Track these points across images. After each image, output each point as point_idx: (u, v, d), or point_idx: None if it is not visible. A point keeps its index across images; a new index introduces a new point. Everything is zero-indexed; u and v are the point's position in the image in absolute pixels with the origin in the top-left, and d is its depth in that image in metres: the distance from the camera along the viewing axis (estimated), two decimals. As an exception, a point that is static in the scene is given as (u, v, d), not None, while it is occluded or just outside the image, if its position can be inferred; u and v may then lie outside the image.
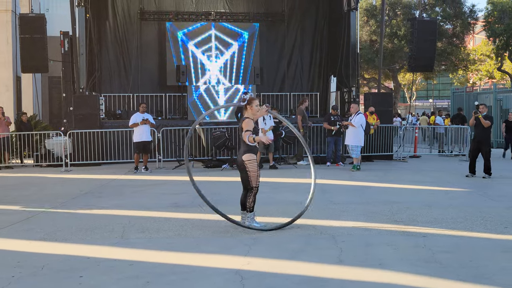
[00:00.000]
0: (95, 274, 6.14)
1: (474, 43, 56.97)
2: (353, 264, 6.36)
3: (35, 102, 22.88)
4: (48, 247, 7.32)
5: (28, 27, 18.92)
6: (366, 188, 12.52)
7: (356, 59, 21.25)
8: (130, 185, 13.47)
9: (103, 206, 10.42)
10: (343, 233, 7.92)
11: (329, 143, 17.40)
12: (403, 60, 38.07)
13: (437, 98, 65.10)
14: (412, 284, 5.65)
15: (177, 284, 5.78)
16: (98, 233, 8.11)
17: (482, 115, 14.15)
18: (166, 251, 7.07)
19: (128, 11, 23.09)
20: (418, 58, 20.74)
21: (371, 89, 46.99)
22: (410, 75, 39.36)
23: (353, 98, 20.91)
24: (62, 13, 23.56)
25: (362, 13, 38.45)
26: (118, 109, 22.38)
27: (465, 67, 43.04)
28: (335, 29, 22.77)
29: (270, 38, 24.09)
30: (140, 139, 16.08)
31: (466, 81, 50.69)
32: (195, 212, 9.45)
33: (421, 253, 6.82)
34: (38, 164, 18.03)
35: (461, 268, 6.21)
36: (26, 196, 11.87)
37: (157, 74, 23.42)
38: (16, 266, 6.44)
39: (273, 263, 6.48)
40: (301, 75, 24.35)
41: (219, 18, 23.71)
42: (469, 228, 8.17)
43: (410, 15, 37.73)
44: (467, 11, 39.68)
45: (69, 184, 14.04)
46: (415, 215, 9.12)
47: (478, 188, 12.37)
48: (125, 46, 23.00)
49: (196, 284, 5.78)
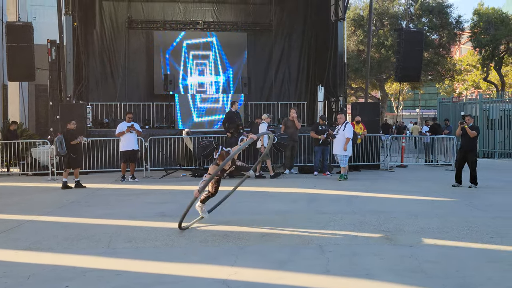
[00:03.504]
0: (81, 284, 6.11)
1: (460, 53, 57.40)
2: (340, 274, 6.37)
3: (22, 110, 22.78)
4: (35, 257, 7.27)
5: (15, 35, 18.86)
6: (353, 197, 12.54)
7: (343, 68, 21.36)
8: (117, 194, 13.41)
9: (90, 215, 10.37)
10: (330, 242, 7.94)
11: (316, 152, 17.43)
12: (390, 70, 38.30)
13: (424, 108, 65.42)
14: (399, 294, 5.68)
15: (164, 294, 5.77)
16: (85, 242, 8.07)
17: (468, 126, 14.23)
18: (153, 260, 7.06)
19: (116, 20, 23.08)
20: (405, 68, 20.88)
21: (358, 98, 47.20)
22: (397, 85, 39.54)
23: (340, 107, 20.99)
24: (49, 21, 23.48)
25: (349, 23, 38.68)
26: (106, 117, 22.31)
27: (451, 77, 43.38)
28: (323, 39, 22.88)
29: (258, 47, 24.15)
30: (127, 148, 16.04)
31: (452, 91, 51.05)
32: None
33: (408, 263, 6.85)
34: (24, 172, 17.93)
35: (447, 278, 6.25)
36: (12, 205, 11.78)
37: (144, 83, 23.38)
38: (2, 276, 6.40)
39: (260, 273, 6.48)
40: (288, 85, 24.43)
41: (207, 28, 23.75)
42: (455, 238, 8.21)
43: (397, 26, 38.02)
44: (454, 21, 40.05)
45: (55, 193, 13.95)
46: (402, 225, 9.15)
47: (464, 198, 12.43)
48: (112, 54, 22.98)
49: (183, 294, 5.77)
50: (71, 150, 14.80)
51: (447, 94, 50.54)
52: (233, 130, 17.35)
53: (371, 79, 38.67)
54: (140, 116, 22.36)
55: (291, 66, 24.38)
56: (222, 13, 24.05)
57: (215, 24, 23.96)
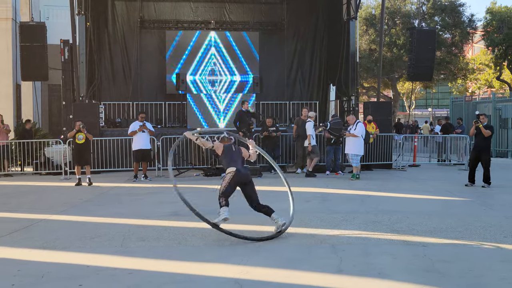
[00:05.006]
0: (95, 282, 6.14)
1: (473, 52, 57.11)
2: (353, 274, 6.36)
3: (35, 110, 22.91)
4: (48, 256, 7.31)
5: (29, 35, 19.02)
6: (366, 197, 12.51)
7: (355, 68, 21.31)
8: (129, 194, 13.47)
9: (103, 214, 10.42)
10: (342, 242, 7.92)
11: (329, 152, 17.41)
12: (402, 69, 38.13)
13: (436, 107, 65.10)
14: (412, 294, 5.66)
15: (177, 293, 5.78)
16: (98, 241, 8.11)
17: (483, 125, 14.17)
18: (165, 259, 7.08)
19: (128, 20, 23.17)
20: (417, 67, 20.82)
21: (370, 98, 47.08)
22: (409, 84, 39.39)
23: (352, 107, 20.94)
24: (62, 21, 23.64)
25: (361, 22, 38.54)
26: (118, 117, 22.40)
27: (464, 76, 43.12)
28: (335, 38, 22.82)
29: (270, 47, 24.13)
30: (139, 147, 16.10)
31: (465, 90, 50.76)
32: (195, 221, 9.40)
33: (421, 263, 6.83)
34: (37, 172, 18.04)
35: (460, 277, 6.22)
36: (26, 204, 11.87)
37: (156, 82, 23.44)
38: (16, 274, 6.43)
39: (272, 272, 6.48)
40: (300, 84, 24.40)
41: (219, 27, 23.78)
42: (468, 238, 8.17)
43: (409, 25, 37.83)
44: (466, 20, 39.80)
45: (69, 192, 14.02)
46: (414, 224, 9.12)
47: (477, 198, 12.38)
48: (125, 54, 23.07)
49: (196, 293, 5.79)
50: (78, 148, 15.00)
51: (459, 93, 50.24)
52: (245, 129, 17.36)
53: (383, 78, 38.50)
54: (152, 115, 22.43)
55: (303, 65, 24.35)
56: (234, 12, 24.07)
57: (227, 24, 23.98)
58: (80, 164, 15.25)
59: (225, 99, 22.75)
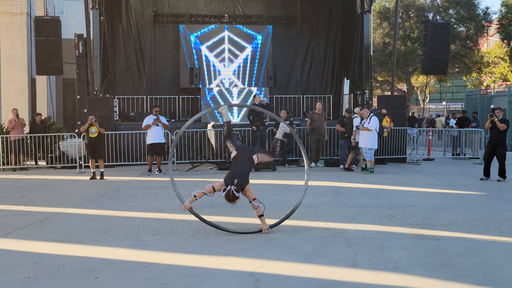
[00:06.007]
0: (110, 275, 6.17)
1: (488, 45, 56.61)
2: (368, 268, 6.34)
3: (50, 104, 23.04)
4: (64, 249, 7.35)
5: (43, 29, 19.10)
6: (380, 191, 12.48)
7: (369, 61, 21.24)
8: (144, 187, 13.52)
9: (117, 207, 10.46)
10: (357, 236, 7.91)
11: (342, 146, 17.36)
12: (416, 62, 37.90)
13: (451, 101, 64.70)
14: (428, 288, 5.63)
15: (192, 286, 5.79)
16: (113, 235, 8.14)
17: (498, 119, 14.07)
18: (180, 253, 7.09)
19: (141, 14, 23.19)
20: (431, 61, 20.69)
21: (384, 91, 46.83)
22: (424, 78, 39.18)
23: (366, 100, 20.87)
24: (76, 15, 23.74)
25: (375, 15, 38.33)
26: (132, 111, 22.46)
27: (478, 69, 42.75)
28: (348, 31, 22.74)
29: (284, 40, 24.07)
30: (154, 141, 16.14)
31: (480, 84, 50.36)
32: (209, 214, 9.43)
33: (436, 257, 6.79)
34: (52, 166, 18.14)
35: (476, 272, 6.18)
36: (41, 198, 11.94)
37: (170, 76, 23.48)
38: (32, 267, 6.48)
39: (288, 266, 6.47)
40: (314, 78, 24.34)
41: (232, 21, 23.76)
42: (484, 232, 8.12)
43: (423, 18, 37.61)
44: (481, 13, 39.45)
45: (83, 186, 14.10)
46: (429, 218, 9.07)
47: (492, 192, 12.30)
48: (138, 48, 23.09)
49: (211, 287, 5.79)
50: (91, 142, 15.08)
51: (474, 86, 49.84)
52: (258, 123, 17.35)
53: (397, 72, 38.28)
54: (166, 109, 22.46)
55: (317, 59, 24.27)
56: (247, 6, 24.01)
57: (240, 17, 23.93)
58: (93, 158, 15.32)
59: (238, 93, 22.76)
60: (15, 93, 22.59)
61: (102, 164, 15.38)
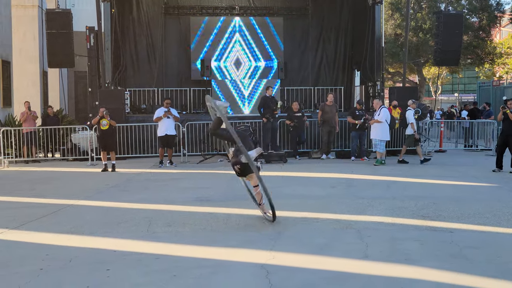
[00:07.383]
0: (122, 267, 6.19)
1: (501, 36, 56.19)
2: (379, 259, 6.32)
3: (61, 96, 23.12)
4: (76, 240, 7.39)
5: (55, 22, 19.10)
6: (392, 182, 12.44)
7: (380, 53, 21.13)
8: (155, 179, 13.55)
9: (129, 199, 10.49)
10: (368, 227, 7.89)
11: (354, 137, 17.31)
12: (428, 54, 37.66)
13: (463, 92, 64.33)
14: (439, 280, 5.60)
15: (204, 278, 5.80)
16: (124, 226, 8.17)
17: (510, 110, 13.98)
18: (192, 245, 7.11)
19: (152, 6, 23.20)
20: (443, 52, 20.53)
21: (395, 83, 46.61)
22: (435, 69, 38.97)
23: (377, 92, 20.79)
24: (87, 8, 23.76)
25: (386, 6, 38.11)
26: (143, 103, 22.50)
27: (491, 60, 42.41)
28: (360, 23, 22.63)
29: (295, 32, 24.03)
30: (165, 133, 16.15)
31: (492, 75, 50.00)
32: (220, 206, 9.47)
33: (448, 249, 6.77)
34: (64, 158, 18.22)
35: (488, 264, 6.15)
36: (53, 190, 12.01)
37: (181, 68, 23.51)
38: (44, 259, 6.52)
39: (299, 257, 6.47)
40: (325, 70, 24.28)
41: (243, 13, 23.71)
42: (496, 224, 8.08)
43: (435, 9, 37.30)
44: (494, 4, 39.10)
45: (95, 178, 14.16)
46: (441, 210, 9.03)
47: (505, 183, 12.23)
48: (150, 40, 23.11)
49: (222, 278, 5.80)
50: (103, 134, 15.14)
51: (487, 78, 49.49)
52: (269, 115, 17.34)
53: (408, 63, 38.06)
54: (177, 101, 22.48)
55: (328, 50, 24.20)
56: (258, -3, 23.98)
57: (251, 9, 23.90)
58: (105, 150, 15.39)
59: (249, 85, 22.74)
60: (27, 86, 22.70)
61: (113, 156, 15.46)
